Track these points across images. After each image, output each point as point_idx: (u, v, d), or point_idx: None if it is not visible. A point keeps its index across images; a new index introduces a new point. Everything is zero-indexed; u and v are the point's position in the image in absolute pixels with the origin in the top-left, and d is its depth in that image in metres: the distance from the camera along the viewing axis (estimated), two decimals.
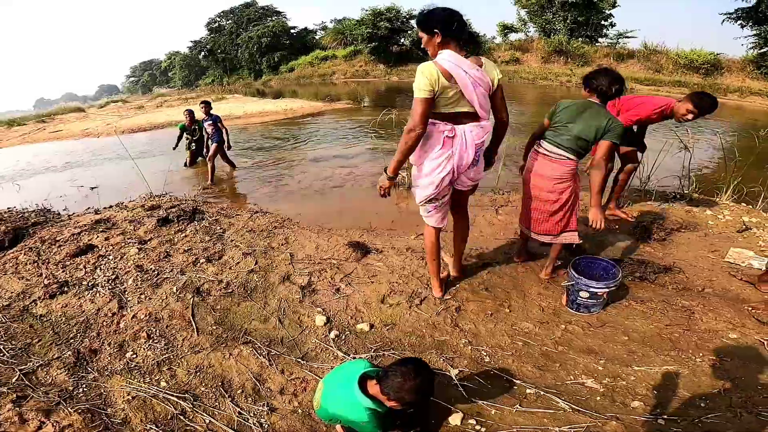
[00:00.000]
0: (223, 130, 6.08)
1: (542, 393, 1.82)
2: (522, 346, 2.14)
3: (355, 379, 1.54)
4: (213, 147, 5.88)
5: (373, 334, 2.30)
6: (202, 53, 41.16)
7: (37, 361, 2.16)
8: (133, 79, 65.96)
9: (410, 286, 2.66)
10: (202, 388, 1.97)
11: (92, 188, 5.97)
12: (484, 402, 1.79)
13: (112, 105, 23.86)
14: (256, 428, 1.75)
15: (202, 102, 6.13)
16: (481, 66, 1.93)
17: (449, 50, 1.89)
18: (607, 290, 2.26)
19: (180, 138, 6.90)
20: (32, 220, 4.17)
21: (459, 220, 2.55)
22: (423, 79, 1.83)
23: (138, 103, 22.56)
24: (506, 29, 26.52)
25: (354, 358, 2.13)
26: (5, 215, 4.57)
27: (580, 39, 23.43)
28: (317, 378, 2.01)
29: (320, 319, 2.40)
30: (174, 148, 6.93)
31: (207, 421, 1.79)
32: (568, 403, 1.76)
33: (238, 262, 3.00)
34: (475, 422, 1.70)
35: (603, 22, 23.62)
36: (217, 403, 1.89)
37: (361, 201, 4.53)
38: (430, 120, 1.95)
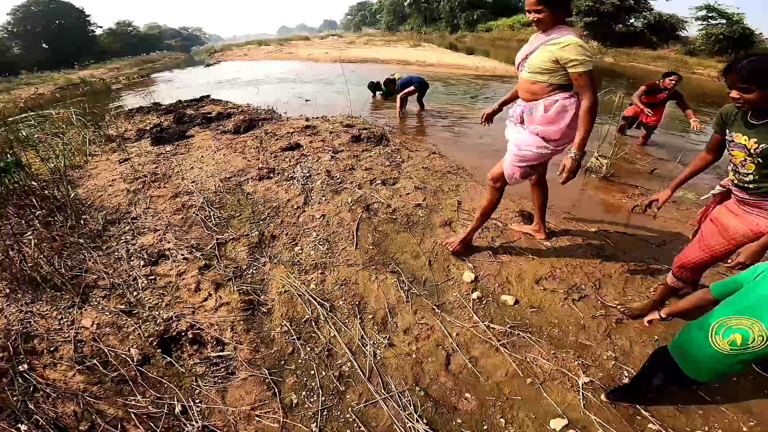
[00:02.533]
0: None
1: None
2: None
3: None
4: (413, 87, 6.09)
5: (514, 310, 2.12)
6: (408, 0, 42.49)
7: (231, 234, 2.56)
8: (349, 17, 73.74)
9: (574, 278, 2.33)
10: (341, 302, 2.10)
11: (307, 100, 7.22)
12: (597, 419, 1.59)
13: (330, 38, 27.42)
14: (369, 357, 1.80)
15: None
16: None
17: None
18: None
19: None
20: (262, 116, 5.23)
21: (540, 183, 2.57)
22: (587, 53, 1.89)
23: (349, 39, 25.29)
24: None
25: (488, 326, 1.99)
26: (245, 108, 5.96)
27: None
28: (444, 331, 1.95)
29: (468, 276, 2.31)
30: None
31: (331, 335, 1.91)
32: None
33: (408, 193, 3.10)
34: None
35: None
36: (347, 321, 1.99)
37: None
38: (573, 91, 1.99)
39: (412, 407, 1.61)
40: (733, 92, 1.53)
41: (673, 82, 4.49)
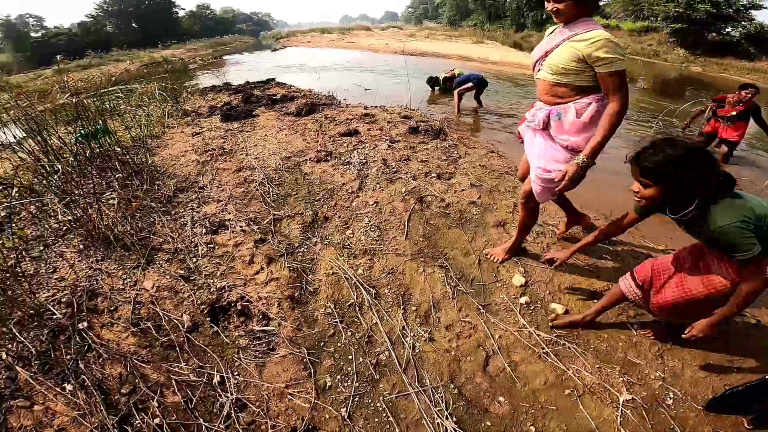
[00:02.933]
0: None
1: None
2: None
3: None
4: (471, 84, 6.05)
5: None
6: None
7: (286, 211, 2.63)
8: (411, 9, 73.25)
9: None
10: (386, 290, 2.09)
11: (366, 89, 7.31)
12: None
13: (390, 29, 27.42)
14: (408, 348, 1.78)
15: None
16: None
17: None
18: None
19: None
20: (322, 101, 5.36)
21: None
22: (619, 50, 1.65)
23: (410, 32, 25.12)
24: None
25: (534, 332, 1.90)
26: (307, 93, 6.17)
27: None
28: (487, 331, 1.90)
29: (518, 279, 2.22)
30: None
31: (373, 322, 1.90)
32: None
33: (463, 189, 3.03)
34: None
35: None
36: (390, 310, 1.97)
37: (606, 184, 3.80)
38: (602, 93, 1.75)
39: (443, 404, 1.59)
40: (634, 184, 1.41)
41: (750, 95, 4.15)
